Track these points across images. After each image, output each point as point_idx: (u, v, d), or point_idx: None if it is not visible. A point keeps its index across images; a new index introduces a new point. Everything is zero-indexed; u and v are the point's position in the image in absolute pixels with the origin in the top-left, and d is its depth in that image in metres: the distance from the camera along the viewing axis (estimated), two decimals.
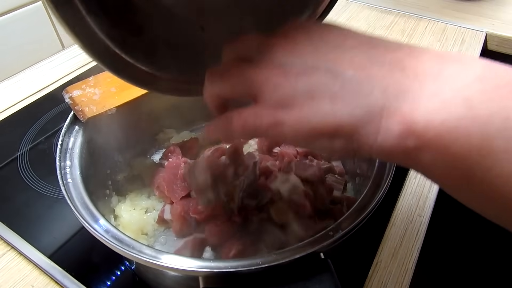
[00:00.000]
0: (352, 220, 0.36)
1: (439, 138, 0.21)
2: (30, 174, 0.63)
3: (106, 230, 0.37)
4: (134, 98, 0.50)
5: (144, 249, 0.35)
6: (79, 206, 0.38)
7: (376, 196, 0.39)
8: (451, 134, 0.21)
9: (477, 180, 0.21)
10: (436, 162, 0.22)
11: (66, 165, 0.43)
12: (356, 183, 0.55)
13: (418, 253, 0.53)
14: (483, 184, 0.21)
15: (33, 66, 0.87)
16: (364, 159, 0.52)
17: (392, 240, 0.54)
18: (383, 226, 0.55)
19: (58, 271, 0.49)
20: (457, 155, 0.21)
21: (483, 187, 0.21)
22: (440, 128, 0.21)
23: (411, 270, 0.51)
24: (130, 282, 0.49)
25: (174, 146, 0.60)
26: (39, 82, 0.83)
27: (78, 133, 0.47)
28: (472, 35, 0.97)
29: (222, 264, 0.33)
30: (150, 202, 0.56)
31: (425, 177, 0.25)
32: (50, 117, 0.74)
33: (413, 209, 0.58)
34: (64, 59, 0.89)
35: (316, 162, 0.58)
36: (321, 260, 0.35)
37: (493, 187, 0.21)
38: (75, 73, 0.85)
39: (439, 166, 0.22)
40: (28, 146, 0.68)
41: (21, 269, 0.51)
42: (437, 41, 0.96)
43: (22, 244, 0.52)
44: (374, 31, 1.00)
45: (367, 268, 0.50)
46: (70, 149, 0.45)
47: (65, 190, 0.39)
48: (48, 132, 0.71)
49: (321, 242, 0.34)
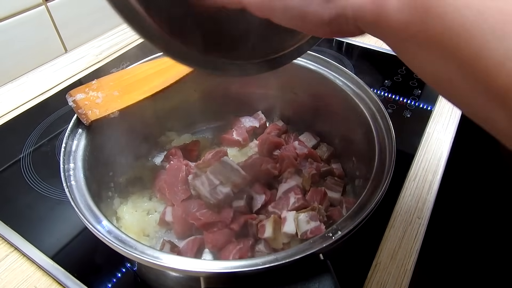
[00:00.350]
0: (351, 221, 0.37)
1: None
2: (33, 176, 0.63)
3: (109, 231, 0.37)
4: (136, 101, 0.51)
5: (146, 250, 0.35)
6: (83, 208, 0.39)
7: (375, 197, 0.39)
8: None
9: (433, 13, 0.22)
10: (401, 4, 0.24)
11: (70, 168, 0.43)
12: (355, 186, 0.56)
13: (417, 255, 0.53)
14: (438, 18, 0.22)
15: (36, 69, 0.88)
16: (363, 161, 0.53)
17: (391, 242, 0.54)
18: (382, 227, 0.56)
19: (61, 272, 0.50)
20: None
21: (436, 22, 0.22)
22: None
23: (410, 271, 0.51)
24: (132, 283, 0.50)
25: (176, 149, 0.60)
26: (42, 85, 0.84)
27: (81, 136, 0.47)
28: None
29: (223, 265, 0.34)
30: (152, 204, 0.57)
31: (385, 37, 0.27)
32: (53, 120, 0.75)
33: (412, 211, 0.59)
34: (67, 62, 0.90)
35: (316, 164, 0.58)
36: (320, 261, 0.35)
37: (446, 17, 0.22)
38: (78, 76, 0.86)
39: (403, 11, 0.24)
40: (31, 148, 0.69)
41: (24, 270, 0.52)
42: None
43: (25, 246, 0.53)
44: None
45: (367, 269, 0.51)
46: (73, 151, 0.45)
47: (68, 192, 0.40)
48: (51, 135, 0.72)
49: (321, 243, 0.35)
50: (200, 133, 0.70)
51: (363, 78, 0.55)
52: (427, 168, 0.65)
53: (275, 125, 0.66)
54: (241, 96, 0.68)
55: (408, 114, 0.76)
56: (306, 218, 0.44)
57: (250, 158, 0.59)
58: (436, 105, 0.78)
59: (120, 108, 0.49)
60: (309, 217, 0.44)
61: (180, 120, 0.67)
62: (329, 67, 0.58)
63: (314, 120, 0.65)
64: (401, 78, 0.85)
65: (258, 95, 0.68)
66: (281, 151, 0.60)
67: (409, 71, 0.86)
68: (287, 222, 0.45)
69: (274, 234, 0.46)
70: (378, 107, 0.50)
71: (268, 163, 0.55)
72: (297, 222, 0.44)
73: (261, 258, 0.34)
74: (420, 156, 0.67)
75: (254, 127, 0.66)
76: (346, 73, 0.56)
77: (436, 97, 0.80)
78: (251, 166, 0.55)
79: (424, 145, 0.70)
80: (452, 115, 0.76)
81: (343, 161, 0.61)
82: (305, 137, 0.64)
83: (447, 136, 0.72)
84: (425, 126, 0.73)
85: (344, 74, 0.56)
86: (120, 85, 0.52)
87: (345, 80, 0.56)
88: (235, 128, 0.66)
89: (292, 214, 0.45)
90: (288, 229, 0.45)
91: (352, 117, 0.54)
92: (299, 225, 0.44)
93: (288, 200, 0.49)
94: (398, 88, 0.82)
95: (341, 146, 0.61)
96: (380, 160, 0.44)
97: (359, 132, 0.53)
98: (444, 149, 0.69)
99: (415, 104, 0.78)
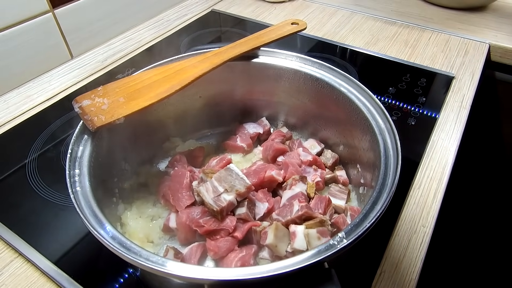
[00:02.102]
0: (356, 230, 0.37)
1: None
2: (38, 182, 0.64)
3: (113, 237, 0.37)
4: (142, 107, 0.51)
5: (151, 257, 0.35)
6: (88, 214, 0.39)
7: (380, 206, 0.39)
8: None
9: None
10: None
11: (76, 173, 0.44)
12: (360, 193, 0.56)
13: (422, 264, 0.53)
14: None
15: (42, 75, 0.89)
16: (368, 168, 0.53)
17: (396, 251, 0.54)
18: (387, 236, 0.56)
19: (65, 278, 0.50)
20: None
21: None
22: None
23: (415, 280, 0.51)
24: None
25: (180, 155, 0.61)
26: (48, 91, 0.84)
27: (87, 142, 0.48)
28: (475, 46, 0.98)
29: (228, 273, 0.33)
30: (156, 210, 0.57)
31: None
32: (58, 126, 0.75)
33: (416, 220, 0.58)
34: (72, 68, 0.91)
35: (320, 171, 0.58)
36: (325, 270, 0.35)
37: None
38: (83, 82, 0.87)
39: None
40: (37, 153, 0.69)
41: (29, 276, 0.52)
42: (440, 52, 0.96)
43: (30, 251, 0.53)
44: (377, 42, 1.01)
45: (371, 278, 0.50)
46: (79, 157, 0.46)
47: (74, 199, 0.40)
48: (56, 140, 0.72)
49: (326, 251, 0.35)
50: (204, 139, 0.70)
51: (367, 85, 0.55)
52: (432, 176, 0.65)
53: (279, 131, 0.66)
54: (246, 102, 0.69)
55: (412, 121, 0.75)
56: (317, 234, 0.43)
57: (254, 164, 0.59)
58: (441, 113, 0.78)
59: (126, 114, 0.50)
60: (320, 233, 0.43)
61: (184, 126, 0.67)
62: (334, 74, 0.58)
63: (318, 126, 0.65)
64: (406, 85, 0.85)
65: (263, 102, 0.68)
66: (285, 157, 0.60)
67: (413, 78, 0.86)
68: (297, 238, 0.44)
69: (275, 241, 0.46)
70: (383, 114, 0.50)
71: (272, 170, 0.55)
72: (307, 238, 0.43)
73: (266, 266, 0.34)
74: (425, 164, 0.67)
75: (258, 134, 0.67)
76: (351, 80, 0.56)
77: (441, 105, 0.80)
78: (255, 172, 0.55)
79: (429, 153, 0.69)
80: (457, 123, 0.76)
81: (348, 168, 0.61)
82: (309, 143, 0.64)
83: (452, 144, 0.71)
84: (430, 133, 0.73)
85: (349, 81, 0.56)
86: (125, 92, 0.53)
87: (350, 87, 0.56)
88: (239, 134, 0.66)
89: (301, 230, 0.45)
90: (298, 245, 0.44)
91: (357, 124, 0.54)
92: (310, 242, 0.43)
93: (292, 208, 0.49)
94: (403, 96, 0.82)
95: (346, 153, 0.61)
96: (385, 168, 0.44)
97: (363, 139, 0.53)
98: (449, 157, 0.69)
99: (419, 111, 0.78)
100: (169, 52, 0.97)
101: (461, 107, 0.80)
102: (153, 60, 0.59)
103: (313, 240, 0.43)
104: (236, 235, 0.48)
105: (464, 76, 0.89)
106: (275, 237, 0.45)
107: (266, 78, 0.64)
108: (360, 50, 0.98)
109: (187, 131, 0.68)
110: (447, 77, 0.88)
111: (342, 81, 0.57)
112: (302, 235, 0.44)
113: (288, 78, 0.62)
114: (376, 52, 0.96)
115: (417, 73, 0.89)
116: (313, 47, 0.99)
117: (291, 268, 0.33)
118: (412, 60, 0.94)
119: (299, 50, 0.98)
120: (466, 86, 0.85)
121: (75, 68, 0.91)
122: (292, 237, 0.45)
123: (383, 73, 0.90)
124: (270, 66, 0.62)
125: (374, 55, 0.95)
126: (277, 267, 0.34)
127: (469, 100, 0.82)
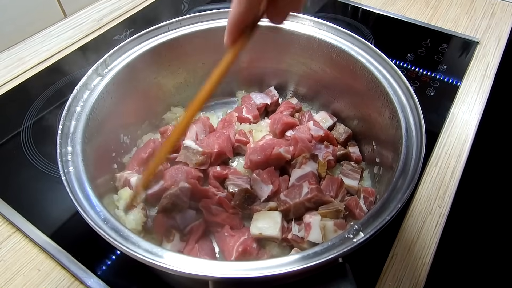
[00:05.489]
0: (374, 221, 0.34)
1: None
2: (33, 151, 0.61)
3: (110, 224, 0.35)
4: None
5: (152, 248, 0.33)
6: (82, 200, 0.36)
7: (400, 195, 0.36)
8: None
9: None
10: None
11: (68, 152, 0.40)
12: (374, 173, 0.52)
13: (436, 247, 0.50)
14: None
15: (34, 36, 0.83)
16: (385, 146, 0.49)
17: (409, 232, 0.52)
18: (401, 217, 0.53)
19: (64, 255, 0.48)
20: None
21: None
22: None
23: (428, 264, 0.48)
24: (134, 266, 0.48)
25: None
26: (41, 53, 0.79)
27: (80, 116, 0.44)
28: (503, 8, 0.90)
29: (235, 270, 0.31)
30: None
31: None
32: (55, 90, 0.71)
33: (432, 199, 0.55)
34: (66, 28, 0.85)
35: (332, 148, 0.54)
36: (339, 264, 0.32)
37: None
38: (79, 44, 0.81)
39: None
40: (32, 120, 0.66)
41: (28, 252, 0.50)
42: (464, 14, 0.88)
43: (28, 227, 0.51)
44: (395, 1, 0.93)
45: (383, 261, 0.48)
46: (71, 133, 0.42)
47: (66, 181, 0.37)
48: (52, 106, 0.68)
49: (340, 246, 0.32)
50: (208, 109, 0.65)
51: (383, 50, 0.50)
52: (450, 153, 0.61)
53: (289, 102, 0.61)
54: (253, 70, 0.63)
55: (431, 92, 0.70)
56: (334, 227, 0.40)
57: (262, 139, 0.55)
58: (462, 83, 0.72)
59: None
60: (337, 225, 0.40)
61: (186, 95, 0.62)
62: (351, 41, 0.52)
63: (330, 98, 0.60)
64: (425, 51, 0.78)
65: (271, 70, 0.63)
66: (295, 132, 0.56)
67: (434, 43, 0.80)
68: (313, 230, 0.41)
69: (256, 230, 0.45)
70: (406, 90, 0.45)
71: (280, 147, 0.51)
72: (324, 231, 0.40)
73: (277, 261, 0.31)
74: (443, 140, 0.63)
75: (265, 104, 0.62)
76: (371, 49, 0.50)
77: (463, 74, 0.74)
78: (262, 149, 0.52)
79: (448, 127, 0.65)
80: (480, 94, 0.70)
81: (361, 145, 0.57)
82: (321, 116, 0.60)
83: (473, 117, 0.66)
84: (450, 106, 0.68)
85: (369, 49, 0.51)
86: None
87: (369, 56, 0.50)
88: (245, 105, 0.61)
89: (317, 221, 0.42)
90: (313, 238, 0.41)
91: (375, 97, 0.49)
92: (326, 234, 0.40)
93: (301, 189, 0.45)
94: (422, 63, 0.76)
95: (360, 128, 0.57)
96: (406, 151, 0.40)
97: (382, 115, 0.49)
98: (470, 132, 0.64)
99: (440, 81, 0.72)
100: (170, 13, 0.90)
101: (484, 76, 0.74)
102: (154, 21, 0.54)
103: (330, 233, 0.40)
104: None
105: (489, 41, 0.81)
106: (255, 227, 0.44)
107: (275, 44, 0.58)
108: (373, 10, 0.90)
109: (189, 101, 0.63)
110: (471, 42, 0.81)
111: (361, 49, 0.51)
112: (318, 228, 0.41)
113: (299, 44, 0.56)
114: (394, 13, 0.89)
115: (438, 38, 0.82)
116: (324, 7, 0.91)
117: (303, 265, 0.30)
118: (433, 22, 0.86)
119: (308, 10, 0.90)
120: (491, 53, 0.79)
121: (69, 28, 0.85)
122: (306, 229, 0.42)
123: (401, 37, 0.83)
124: (279, 30, 0.56)
125: (392, 16, 0.88)
126: (289, 262, 0.31)
127: (494, 68, 0.76)
